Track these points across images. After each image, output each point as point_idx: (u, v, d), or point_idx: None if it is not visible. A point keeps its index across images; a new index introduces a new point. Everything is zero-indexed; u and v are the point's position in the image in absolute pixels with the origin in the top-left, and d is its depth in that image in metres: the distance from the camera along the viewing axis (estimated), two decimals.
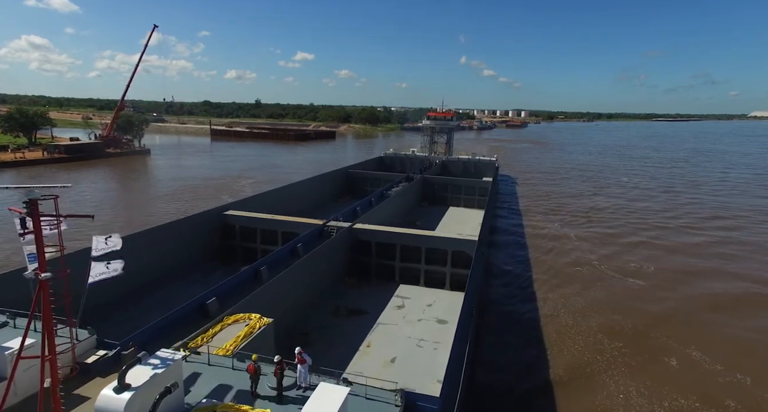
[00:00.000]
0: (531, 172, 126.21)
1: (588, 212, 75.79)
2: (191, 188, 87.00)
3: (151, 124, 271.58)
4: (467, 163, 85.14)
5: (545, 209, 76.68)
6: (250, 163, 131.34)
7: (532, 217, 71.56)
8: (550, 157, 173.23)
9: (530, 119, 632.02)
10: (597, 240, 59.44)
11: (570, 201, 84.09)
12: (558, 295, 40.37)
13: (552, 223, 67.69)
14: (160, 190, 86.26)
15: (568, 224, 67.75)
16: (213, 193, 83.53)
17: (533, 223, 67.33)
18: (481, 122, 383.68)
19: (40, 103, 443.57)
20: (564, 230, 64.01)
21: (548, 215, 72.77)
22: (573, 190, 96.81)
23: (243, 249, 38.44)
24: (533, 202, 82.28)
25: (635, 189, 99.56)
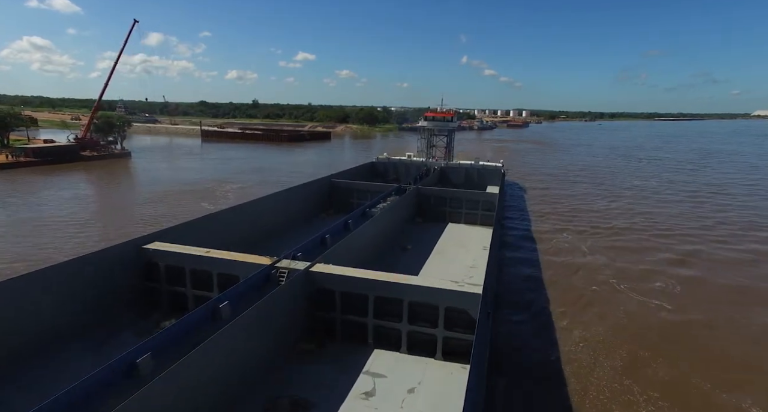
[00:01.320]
0: (536, 175, 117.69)
1: (603, 221, 67.56)
2: (164, 196, 78.27)
3: (142, 125, 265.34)
4: (470, 171, 76.23)
5: (556, 219, 68.41)
6: (238, 166, 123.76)
7: (541, 228, 63.18)
8: (555, 158, 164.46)
9: (531, 119, 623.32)
10: (613, 254, 51.86)
11: (581, 209, 75.77)
12: (576, 325, 34.51)
13: (564, 235, 59.76)
14: (123, 201, 77.60)
15: (582, 236, 59.72)
16: (188, 201, 74.86)
17: (544, 236, 59.11)
18: (482, 122, 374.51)
19: (33, 103, 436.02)
20: (578, 243, 55.88)
21: (559, 226, 64.69)
22: (583, 196, 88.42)
23: (169, 294, 29.22)
24: (542, 209, 73.94)
25: (652, 195, 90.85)
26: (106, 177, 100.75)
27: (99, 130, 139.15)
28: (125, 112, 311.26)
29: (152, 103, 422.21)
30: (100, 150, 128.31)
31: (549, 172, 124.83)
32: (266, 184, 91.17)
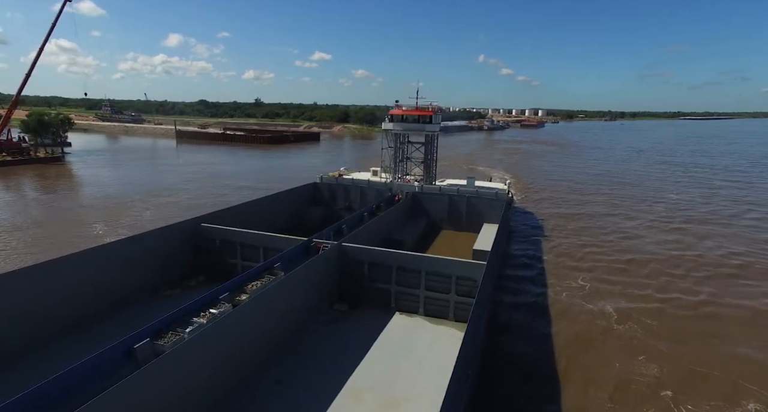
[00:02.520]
0: (550, 189, 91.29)
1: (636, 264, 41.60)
2: (30, 225, 55.02)
3: (119, 125, 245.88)
4: (456, 199, 50.87)
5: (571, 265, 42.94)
6: (191, 172, 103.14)
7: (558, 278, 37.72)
8: (571, 164, 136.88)
9: (548, 118, 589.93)
10: (654, 319, 29.89)
11: (614, 245, 49.91)
12: None
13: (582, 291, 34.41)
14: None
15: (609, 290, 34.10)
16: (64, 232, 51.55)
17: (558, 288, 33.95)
18: (492, 121, 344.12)
19: (39, 103, 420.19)
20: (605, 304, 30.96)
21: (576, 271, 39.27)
22: (616, 227, 61.87)
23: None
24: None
25: (707, 222, 63.90)
26: (14, 187, 79.13)
27: (30, 130, 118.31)
28: (110, 111, 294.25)
29: (149, 102, 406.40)
30: (17, 154, 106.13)
31: (564, 180, 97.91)
32: (205, 199, 69.57)
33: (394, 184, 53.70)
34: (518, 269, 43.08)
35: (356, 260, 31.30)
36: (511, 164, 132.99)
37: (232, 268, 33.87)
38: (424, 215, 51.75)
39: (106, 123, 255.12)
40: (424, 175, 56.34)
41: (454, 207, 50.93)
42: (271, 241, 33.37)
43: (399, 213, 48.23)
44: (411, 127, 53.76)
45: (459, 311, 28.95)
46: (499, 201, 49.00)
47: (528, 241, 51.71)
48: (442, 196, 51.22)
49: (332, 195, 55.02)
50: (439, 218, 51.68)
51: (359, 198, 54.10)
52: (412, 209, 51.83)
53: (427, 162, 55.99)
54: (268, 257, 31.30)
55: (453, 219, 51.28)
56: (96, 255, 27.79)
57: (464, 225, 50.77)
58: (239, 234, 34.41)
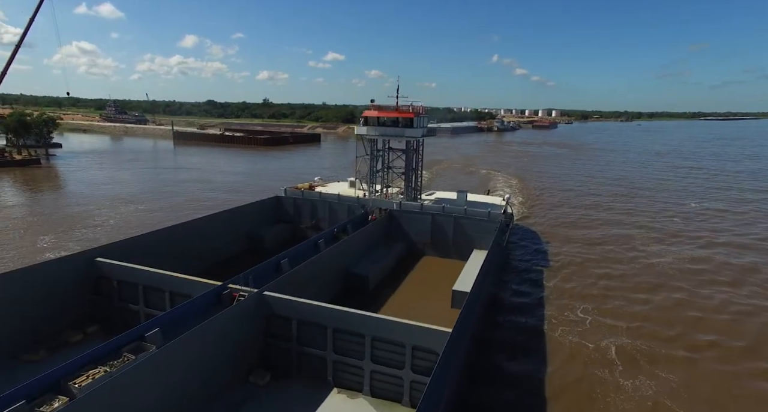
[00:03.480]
0: (557, 197, 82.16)
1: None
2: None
3: (120, 126, 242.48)
4: (441, 220, 42.42)
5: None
6: (172, 178, 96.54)
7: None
8: (583, 168, 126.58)
9: (561, 119, 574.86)
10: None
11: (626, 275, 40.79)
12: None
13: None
14: None
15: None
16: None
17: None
18: (502, 122, 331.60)
19: (41, 103, 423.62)
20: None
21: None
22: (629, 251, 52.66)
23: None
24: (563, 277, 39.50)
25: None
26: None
27: (11, 130, 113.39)
28: (114, 111, 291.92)
29: (157, 103, 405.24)
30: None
31: (577, 193, 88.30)
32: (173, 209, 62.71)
33: (368, 200, 45.44)
34: (510, 312, 34.40)
35: (281, 316, 23.47)
36: (518, 169, 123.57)
37: (134, 317, 26.24)
38: (403, 238, 43.50)
39: (107, 123, 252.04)
40: (404, 190, 47.87)
41: (438, 229, 42.54)
42: (179, 284, 25.58)
43: (370, 236, 40.14)
44: (388, 132, 45.29)
45: (416, 394, 21.52)
46: (491, 223, 40.41)
47: (526, 270, 42.99)
48: (424, 216, 42.84)
49: (297, 211, 47.11)
50: (421, 242, 43.36)
51: (327, 215, 46.06)
52: (388, 231, 43.64)
53: (408, 174, 47.49)
54: (175, 305, 24.01)
55: (437, 243, 42.90)
56: None
57: (451, 250, 42.41)
58: (141, 274, 26.66)
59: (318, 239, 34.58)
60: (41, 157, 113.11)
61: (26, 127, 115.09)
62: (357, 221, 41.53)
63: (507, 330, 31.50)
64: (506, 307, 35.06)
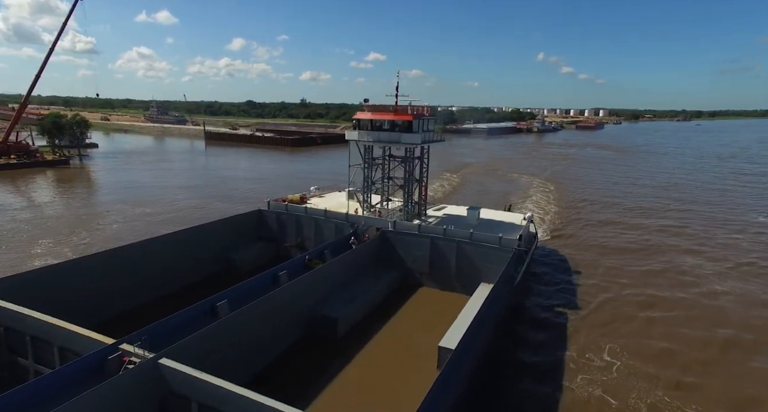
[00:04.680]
0: (597, 209, 71.93)
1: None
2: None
3: (158, 126, 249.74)
4: (442, 247, 35.13)
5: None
6: (191, 180, 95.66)
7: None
8: (628, 174, 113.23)
9: (609, 119, 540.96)
10: None
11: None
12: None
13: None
14: None
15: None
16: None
17: None
18: (543, 123, 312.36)
19: (96, 105, 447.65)
20: None
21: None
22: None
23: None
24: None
25: None
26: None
27: (46, 131, 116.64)
28: (157, 112, 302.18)
29: (198, 103, 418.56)
30: (23, 157, 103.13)
31: (619, 203, 77.36)
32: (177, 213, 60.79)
33: (360, 218, 38.80)
34: (518, 374, 26.68)
35: (180, 396, 17.26)
36: (555, 173, 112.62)
37: (23, 373, 21.14)
38: (397, 265, 36.61)
39: (147, 124, 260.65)
40: (403, 205, 40.71)
41: (438, 255, 35.30)
42: (68, 338, 19.95)
43: (354, 264, 33.61)
44: (382, 138, 38.44)
45: None
46: (503, 251, 32.69)
47: (546, 309, 34.86)
48: (421, 239, 35.70)
49: (281, 227, 41.34)
50: (419, 270, 36.26)
51: (313, 234, 39.92)
52: (379, 256, 36.87)
53: (408, 186, 40.31)
54: (66, 363, 18.82)
55: (438, 273, 35.70)
56: None
57: (453, 282, 35.14)
58: (29, 321, 20.90)
59: (279, 271, 28.47)
60: (74, 158, 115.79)
61: (60, 129, 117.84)
62: (339, 244, 35.10)
63: (520, 380, 24.01)
64: (512, 365, 27.41)
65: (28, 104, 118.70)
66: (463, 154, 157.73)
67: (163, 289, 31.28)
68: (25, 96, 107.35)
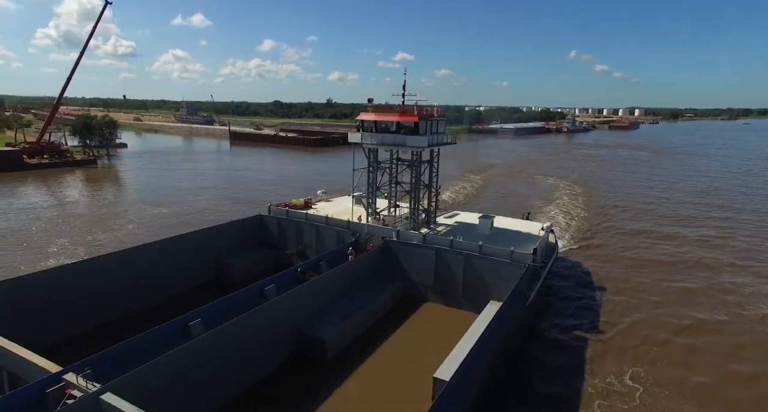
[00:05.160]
0: (625, 215, 66.98)
1: None
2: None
3: (185, 126, 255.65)
4: (448, 260, 32.27)
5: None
6: (210, 180, 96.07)
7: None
8: (663, 177, 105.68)
9: (645, 118, 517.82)
10: None
11: None
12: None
13: None
14: None
15: None
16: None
17: None
18: (573, 122, 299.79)
19: (131, 106, 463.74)
20: None
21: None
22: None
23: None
24: None
25: None
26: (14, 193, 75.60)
27: (77, 132, 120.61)
28: (187, 112, 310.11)
29: (227, 104, 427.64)
30: (54, 157, 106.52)
31: (651, 210, 71.77)
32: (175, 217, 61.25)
33: (363, 226, 36.32)
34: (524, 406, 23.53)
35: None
36: (584, 175, 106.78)
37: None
38: (400, 277, 33.90)
39: (176, 124, 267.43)
40: (410, 214, 37.77)
41: (444, 268, 32.38)
42: (16, 363, 17.82)
43: (351, 276, 31.16)
44: (386, 140, 35.74)
45: None
46: (514, 266, 29.48)
47: (564, 331, 31.33)
48: (427, 250, 32.85)
49: (282, 234, 39.38)
50: (423, 283, 33.45)
51: (314, 242, 37.74)
52: (381, 268, 34.28)
53: (415, 193, 37.41)
54: (14, 388, 17.13)
55: (443, 287, 32.79)
56: None
57: (460, 298, 32.17)
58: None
59: (267, 284, 26.36)
60: (102, 157, 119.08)
61: (90, 129, 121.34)
62: (338, 254, 32.75)
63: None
64: (520, 394, 24.25)
65: (61, 105, 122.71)
66: (488, 155, 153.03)
67: (141, 302, 29.65)
68: (57, 98, 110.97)
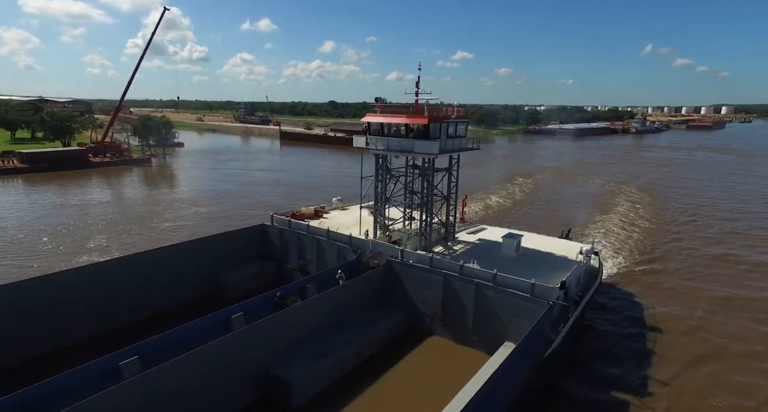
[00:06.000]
0: (702, 235, 56.40)
1: None
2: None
3: (240, 126, 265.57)
4: (457, 288, 27.00)
5: None
6: (252, 180, 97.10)
7: None
8: (753, 185, 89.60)
9: (735, 116, 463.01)
10: None
11: None
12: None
13: None
14: None
15: None
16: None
17: None
18: (643, 122, 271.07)
19: (196, 107, 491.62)
20: None
21: None
22: None
23: None
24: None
25: None
26: (73, 190, 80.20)
27: (137, 132, 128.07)
28: (244, 112, 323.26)
29: (284, 104, 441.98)
30: (114, 156, 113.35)
31: (735, 229, 60.32)
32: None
33: (367, 242, 32.00)
34: None
35: None
36: (650, 182, 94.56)
37: None
38: (404, 305, 29.23)
39: (233, 124, 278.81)
40: (421, 231, 32.68)
41: (453, 298, 27.28)
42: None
43: (345, 301, 27.01)
44: (391, 145, 31.10)
45: None
46: (536, 303, 23.79)
47: (598, 391, 24.99)
48: (434, 275, 27.92)
49: (284, 246, 36.17)
50: (430, 314, 28.54)
51: (315, 257, 34.08)
52: (383, 293, 29.77)
53: (427, 207, 32.34)
54: None
55: (452, 319, 27.69)
56: None
57: (470, 335, 26.92)
58: None
59: (233, 312, 22.92)
60: (159, 156, 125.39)
61: (148, 129, 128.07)
62: (329, 275, 28.60)
63: None
64: None
65: (137, 107, 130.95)
66: (542, 158, 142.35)
67: (111, 320, 27.46)
68: (119, 101, 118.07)
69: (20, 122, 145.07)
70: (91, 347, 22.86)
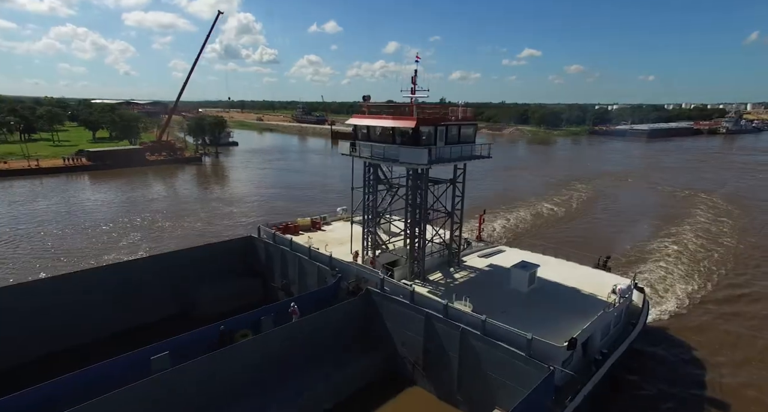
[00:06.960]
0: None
1: None
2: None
3: (296, 125, 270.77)
4: (442, 333, 21.42)
5: None
6: (289, 180, 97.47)
7: None
8: None
9: None
10: None
11: None
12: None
13: None
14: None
15: None
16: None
17: None
18: (736, 121, 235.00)
19: (257, 107, 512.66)
20: None
21: None
22: None
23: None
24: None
25: None
26: (121, 188, 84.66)
27: (191, 131, 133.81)
28: (302, 112, 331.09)
29: (341, 104, 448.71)
30: (168, 154, 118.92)
31: None
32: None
33: (348, 264, 27.36)
34: None
35: None
36: (740, 191, 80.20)
37: None
38: (382, 345, 24.28)
39: (289, 123, 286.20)
40: (413, 254, 27.16)
41: (435, 343, 21.93)
42: None
43: (306, 338, 22.71)
44: (375, 152, 25.96)
45: None
46: (532, 367, 17.85)
47: None
48: (415, 313, 22.67)
49: (269, 261, 32.59)
50: (411, 359, 23.36)
51: (297, 277, 30.10)
52: (357, 328, 24.96)
53: (413, 228, 26.75)
54: None
55: (435, 370, 22.32)
56: None
57: (454, 391, 21.41)
58: None
59: (153, 352, 19.30)
60: (211, 155, 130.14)
61: (202, 129, 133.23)
62: (282, 306, 24.27)
63: None
64: None
65: (205, 108, 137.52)
66: (607, 161, 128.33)
67: (68, 339, 25.51)
68: (174, 101, 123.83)
69: (100, 123, 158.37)
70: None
